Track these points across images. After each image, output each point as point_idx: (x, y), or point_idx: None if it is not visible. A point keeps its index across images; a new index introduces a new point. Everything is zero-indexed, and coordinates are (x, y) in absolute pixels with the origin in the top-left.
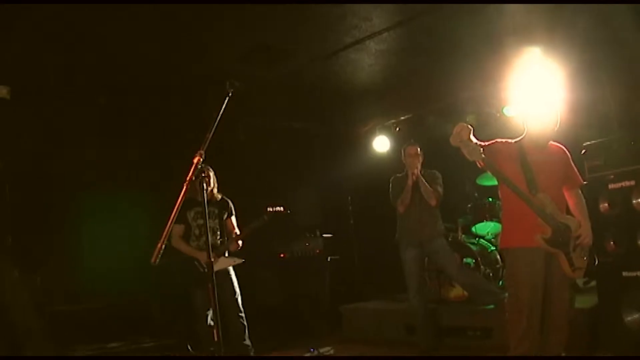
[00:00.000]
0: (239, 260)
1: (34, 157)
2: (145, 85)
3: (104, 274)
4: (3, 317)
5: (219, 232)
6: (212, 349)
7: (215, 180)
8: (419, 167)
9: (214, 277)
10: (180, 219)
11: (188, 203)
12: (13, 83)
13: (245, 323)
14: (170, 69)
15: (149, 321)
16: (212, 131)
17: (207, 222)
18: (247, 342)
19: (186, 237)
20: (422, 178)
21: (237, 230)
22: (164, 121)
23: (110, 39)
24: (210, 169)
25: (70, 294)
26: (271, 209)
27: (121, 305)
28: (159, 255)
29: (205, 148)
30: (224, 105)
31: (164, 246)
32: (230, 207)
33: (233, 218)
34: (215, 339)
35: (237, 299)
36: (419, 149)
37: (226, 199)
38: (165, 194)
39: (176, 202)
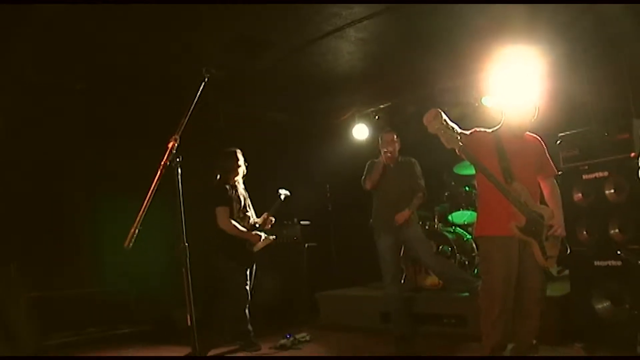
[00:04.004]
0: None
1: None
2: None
3: (84, 262)
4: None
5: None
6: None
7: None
8: (396, 154)
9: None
10: (227, 201)
11: (230, 189)
12: None
13: None
14: (150, 60)
15: (126, 308)
16: (188, 116)
17: (181, 209)
18: None
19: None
20: (412, 201)
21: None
22: (145, 114)
23: (91, 29)
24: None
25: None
26: (283, 193)
27: (99, 293)
28: (132, 240)
29: (180, 133)
30: (200, 91)
31: (136, 231)
32: None
33: None
34: (189, 323)
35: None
36: (395, 136)
37: None
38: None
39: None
